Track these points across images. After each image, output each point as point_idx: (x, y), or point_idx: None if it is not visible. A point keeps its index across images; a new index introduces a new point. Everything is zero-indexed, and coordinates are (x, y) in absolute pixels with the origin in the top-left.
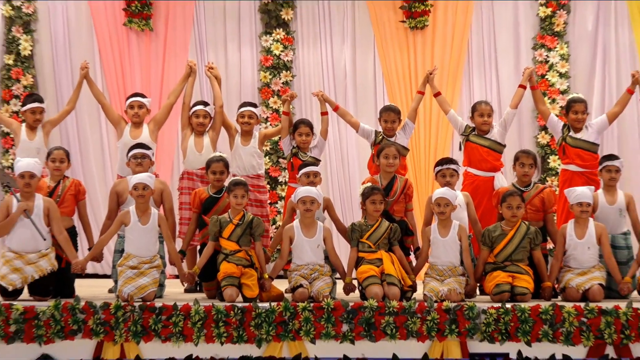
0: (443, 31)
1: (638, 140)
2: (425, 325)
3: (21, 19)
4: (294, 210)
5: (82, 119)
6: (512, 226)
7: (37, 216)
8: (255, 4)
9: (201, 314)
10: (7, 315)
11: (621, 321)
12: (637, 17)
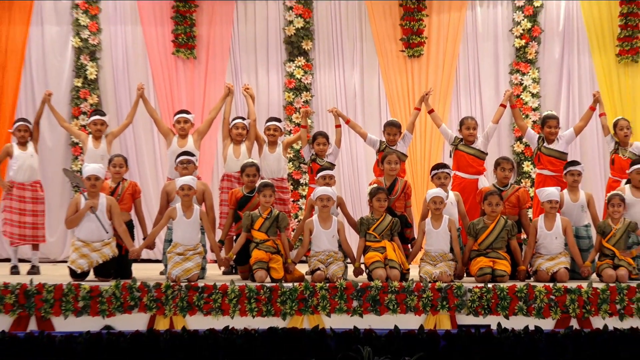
0: (435, 59)
1: (597, 148)
2: (421, 302)
3: (88, 49)
4: (313, 207)
5: (138, 131)
6: (492, 220)
7: (101, 212)
8: (280, 36)
9: (236, 292)
10: (76, 293)
11: (583, 298)
12: (596, 47)
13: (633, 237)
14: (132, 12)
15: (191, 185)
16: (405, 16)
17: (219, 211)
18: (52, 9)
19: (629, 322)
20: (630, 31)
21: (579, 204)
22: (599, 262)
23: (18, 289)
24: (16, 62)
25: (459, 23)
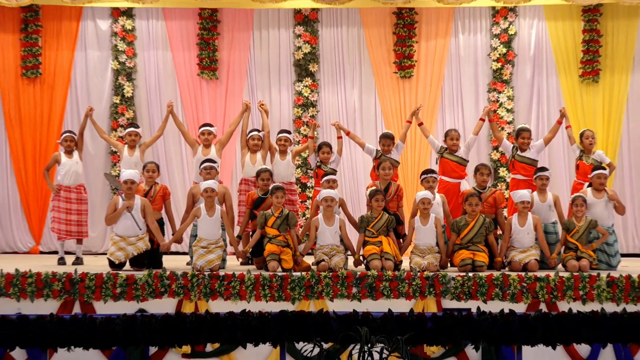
0: (424, 79)
1: (562, 156)
2: (411, 289)
3: (125, 71)
4: (318, 207)
5: (168, 141)
6: (473, 218)
7: (136, 211)
8: (290, 60)
9: (252, 280)
10: (114, 281)
11: (550, 285)
12: (562, 69)
13: (594, 232)
14: (163, 39)
15: (213, 188)
16: (397, 43)
17: (237, 210)
18: (94, 36)
19: (590, 306)
20: (591, 56)
21: (547, 204)
22: (564, 255)
23: (64, 278)
24: (63, 82)
25: (444, 49)
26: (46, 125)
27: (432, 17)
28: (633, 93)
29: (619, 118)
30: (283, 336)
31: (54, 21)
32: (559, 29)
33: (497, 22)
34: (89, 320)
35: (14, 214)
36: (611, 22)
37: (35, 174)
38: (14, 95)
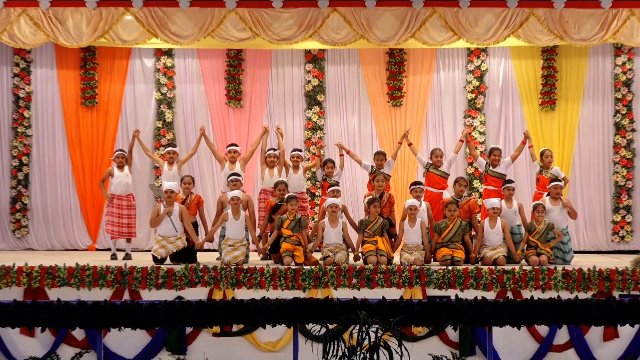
0: (412, 107)
1: (526, 171)
2: (401, 279)
3: (166, 101)
4: (325, 212)
5: (201, 158)
6: (452, 222)
7: (174, 216)
8: (302, 91)
9: (270, 273)
10: (157, 273)
11: (516, 277)
12: (525, 99)
13: (551, 233)
14: (197, 74)
15: (239, 197)
16: (390, 77)
17: (258, 215)
18: (140, 72)
19: (549, 294)
20: (549, 88)
21: (513, 210)
22: (527, 252)
23: (116, 270)
24: (115, 110)
25: (428, 82)
26: (101, 145)
27: (418, 56)
28: (583, 119)
29: (571, 140)
30: (296, 319)
31: (107, 59)
32: (522, 66)
33: (472, 61)
34: (136, 306)
35: (75, 218)
36: (565, 60)
37: (92, 185)
38: (75, 121)
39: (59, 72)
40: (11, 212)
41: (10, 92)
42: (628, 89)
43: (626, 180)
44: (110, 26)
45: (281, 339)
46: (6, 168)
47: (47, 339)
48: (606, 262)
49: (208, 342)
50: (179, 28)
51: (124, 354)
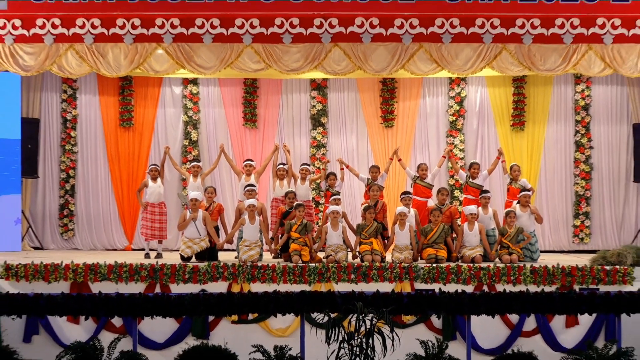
0: (402, 128)
1: (499, 182)
2: (393, 275)
3: (192, 122)
4: (327, 218)
5: (221, 172)
6: (435, 226)
7: (198, 221)
8: (308, 114)
9: (281, 269)
10: (184, 269)
11: (491, 273)
12: (499, 121)
13: (521, 236)
14: (218, 99)
15: (254, 204)
16: (383, 102)
17: (270, 220)
18: (170, 98)
19: (519, 288)
20: (519, 111)
21: (488, 216)
22: (500, 251)
23: (149, 267)
24: (149, 130)
25: (415, 106)
26: (136, 160)
27: (407, 85)
28: (548, 138)
29: (538, 156)
30: (302, 308)
31: (142, 87)
32: (496, 92)
33: (453, 88)
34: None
35: (114, 222)
36: (533, 88)
37: (129, 194)
38: (114, 140)
39: (101, 98)
40: (60, 217)
41: (59, 115)
42: (586, 112)
43: (585, 190)
44: (144, 59)
45: (290, 325)
46: (55, 180)
47: (90, 326)
48: (568, 260)
49: (227, 328)
50: (203, 60)
51: (155, 338)
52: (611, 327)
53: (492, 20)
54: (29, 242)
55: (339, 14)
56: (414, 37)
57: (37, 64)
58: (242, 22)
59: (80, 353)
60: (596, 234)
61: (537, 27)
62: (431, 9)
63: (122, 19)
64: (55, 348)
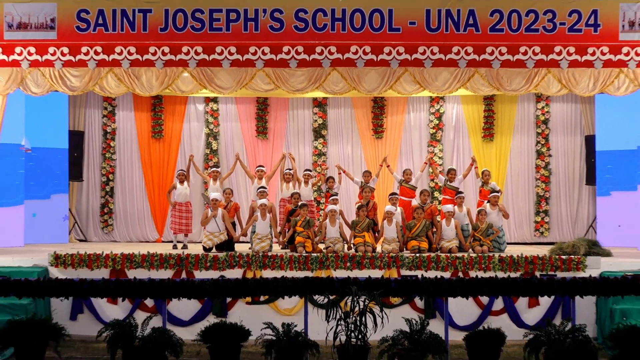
0: (390, 139)
1: (472, 185)
2: (382, 263)
3: (212, 134)
4: (327, 215)
5: (237, 176)
6: (418, 221)
7: (218, 218)
8: (310, 127)
9: (287, 258)
10: (206, 258)
11: (465, 261)
12: (472, 133)
13: (490, 230)
14: (234, 114)
15: (265, 204)
16: (374, 117)
17: (279, 217)
18: (194, 113)
19: (489, 274)
20: (488, 125)
21: (463, 213)
22: (473, 243)
23: (176, 257)
24: (176, 140)
25: (401, 120)
26: (166, 166)
27: (394, 102)
28: (513, 148)
29: (505, 162)
30: (306, 291)
31: (170, 104)
32: (470, 108)
33: (433, 105)
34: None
35: (147, 219)
36: (500, 105)
37: (160, 195)
38: (147, 149)
39: (136, 113)
40: (101, 214)
41: (100, 128)
42: (546, 125)
43: (544, 191)
44: (172, 80)
45: (295, 306)
46: (97, 183)
47: (126, 306)
48: (530, 251)
49: (242, 308)
50: (222, 82)
51: (182, 317)
52: (567, 307)
53: (466, 48)
54: (75, 235)
55: (337, 42)
56: (400, 62)
57: (82, 85)
58: (255, 49)
59: (118, 329)
60: (554, 228)
61: (504, 54)
62: (415, 39)
63: (154, 47)
64: (97, 325)
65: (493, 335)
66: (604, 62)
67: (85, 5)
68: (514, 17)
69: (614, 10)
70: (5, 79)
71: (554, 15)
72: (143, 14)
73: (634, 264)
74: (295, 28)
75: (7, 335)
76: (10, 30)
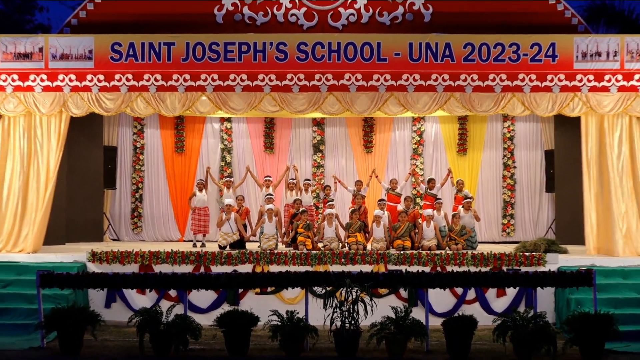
0: (379, 153)
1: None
2: (372, 259)
3: (227, 149)
4: (324, 218)
5: (248, 185)
6: (403, 224)
7: (232, 221)
8: (310, 143)
9: (291, 255)
10: (221, 255)
11: (442, 258)
12: (448, 148)
13: (464, 231)
14: (245, 132)
15: (272, 208)
16: (364, 135)
17: (283, 220)
18: (211, 131)
19: (463, 269)
20: (462, 141)
21: (441, 217)
22: (449, 242)
23: (196, 253)
24: (196, 155)
25: (388, 137)
26: (186, 176)
27: (382, 121)
28: (483, 160)
29: (476, 173)
30: (307, 283)
31: (191, 123)
32: (446, 127)
33: (415, 124)
34: (208, 276)
35: (170, 221)
36: (472, 124)
37: (182, 201)
38: (171, 161)
39: (161, 131)
40: (131, 217)
41: (131, 144)
42: (511, 141)
43: (510, 198)
44: (192, 103)
45: (298, 296)
46: (128, 191)
47: (153, 296)
48: (498, 249)
49: (252, 298)
50: (235, 104)
51: (200, 305)
52: (529, 297)
53: (443, 76)
54: (109, 235)
55: (333, 71)
56: (387, 87)
57: (115, 107)
58: (263, 76)
59: (146, 316)
60: (518, 229)
61: (475, 81)
62: (399, 67)
63: (177, 74)
64: (127, 312)
65: (467, 321)
66: (560, 87)
67: (118, 39)
68: (483, 49)
69: (569, 43)
70: (50, 101)
71: (518, 47)
72: (167, 47)
73: (586, 259)
74: (297, 58)
75: (51, 321)
76: (54, 60)
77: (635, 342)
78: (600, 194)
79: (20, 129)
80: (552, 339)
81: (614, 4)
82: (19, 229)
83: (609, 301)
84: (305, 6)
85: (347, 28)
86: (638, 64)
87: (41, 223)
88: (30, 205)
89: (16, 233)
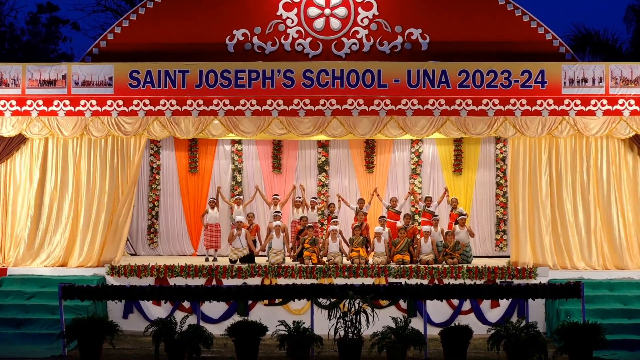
0: (380, 172)
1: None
2: (373, 272)
3: (237, 169)
4: (329, 234)
5: (257, 203)
6: (402, 239)
7: (242, 236)
8: (316, 164)
9: (297, 268)
10: (232, 269)
11: (440, 271)
12: (444, 168)
13: (459, 246)
14: (255, 153)
15: (279, 225)
16: (366, 156)
17: (290, 236)
18: (222, 152)
19: (459, 281)
20: (458, 161)
21: (438, 232)
22: (446, 257)
23: (208, 267)
24: (208, 175)
25: (388, 158)
26: (200, 195)
27: (382, 143)
28: (478, 180)
29: (471, 192)
30: (312, 295)
31: (204, 145)
32: (443, 148)
33: (414, 146)
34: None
35: (184, 237)
36: (467, 145)
37: (195, 218)
38: (185, 181)
39: (176, 152)
40: (148, 233)
41: (148, 164)
42: (503, 162)
43: (503, 215)
44: (205, 126)
45: (304, 307)
46: (145, 208)
47: (168, 307)
48: (492, 263)
49: (261, 309)
50: (245, 128)
51: (212, 316)
52: (521, 308)
53: (440, 100)
54: (127, 250)
55: (336, 96)
56: (387, 111)
57: (133, 130)
58: (271, 101)
59: (161, 326)
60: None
61: (470, 105)
62: (398, 93)
63: (191, 99)
64: (144, 322)
65: (462, 331)
66: (549, 111)
67: (137, 67)
68: (477, 75)
69: (557, 70)
70: (72, 125)
71: (510, 74)
72: (182, 74)
73: (574, 272)
74: (303, 85)
75: (72, 330)
76: (76, 86)
77: (621, 351)
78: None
79: (85, 149)
80: (543, 348)
81: (598, 33)
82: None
83: (597, 312)
84: (311, 36)
85: (350, 56)
86: (622, 89)
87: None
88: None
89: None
